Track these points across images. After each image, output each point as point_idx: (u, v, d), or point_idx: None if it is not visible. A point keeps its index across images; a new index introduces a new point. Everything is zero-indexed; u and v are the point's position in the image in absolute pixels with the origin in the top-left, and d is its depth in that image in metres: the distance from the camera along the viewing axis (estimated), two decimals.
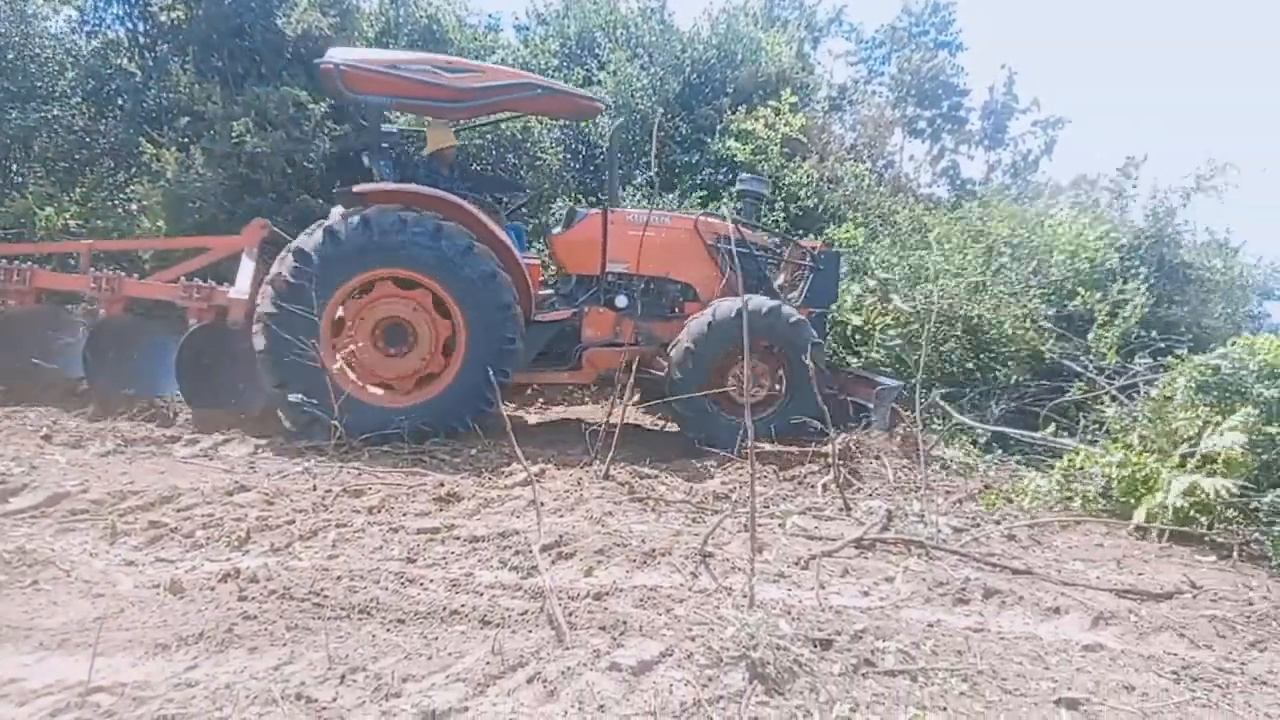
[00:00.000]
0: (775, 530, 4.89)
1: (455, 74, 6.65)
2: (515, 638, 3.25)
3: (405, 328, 6.41)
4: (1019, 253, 9.24)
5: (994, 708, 3.03)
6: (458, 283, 6.29)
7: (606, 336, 7.27)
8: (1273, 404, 5.45)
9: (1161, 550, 5.28)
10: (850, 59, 16.06)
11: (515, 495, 4.95)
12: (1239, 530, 5.30)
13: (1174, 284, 9.49)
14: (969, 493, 6.09)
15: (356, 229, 6.12)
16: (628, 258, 7.25)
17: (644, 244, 7.19)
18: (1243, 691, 3.39)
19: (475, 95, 6.78)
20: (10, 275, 6.67)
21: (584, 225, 7.32)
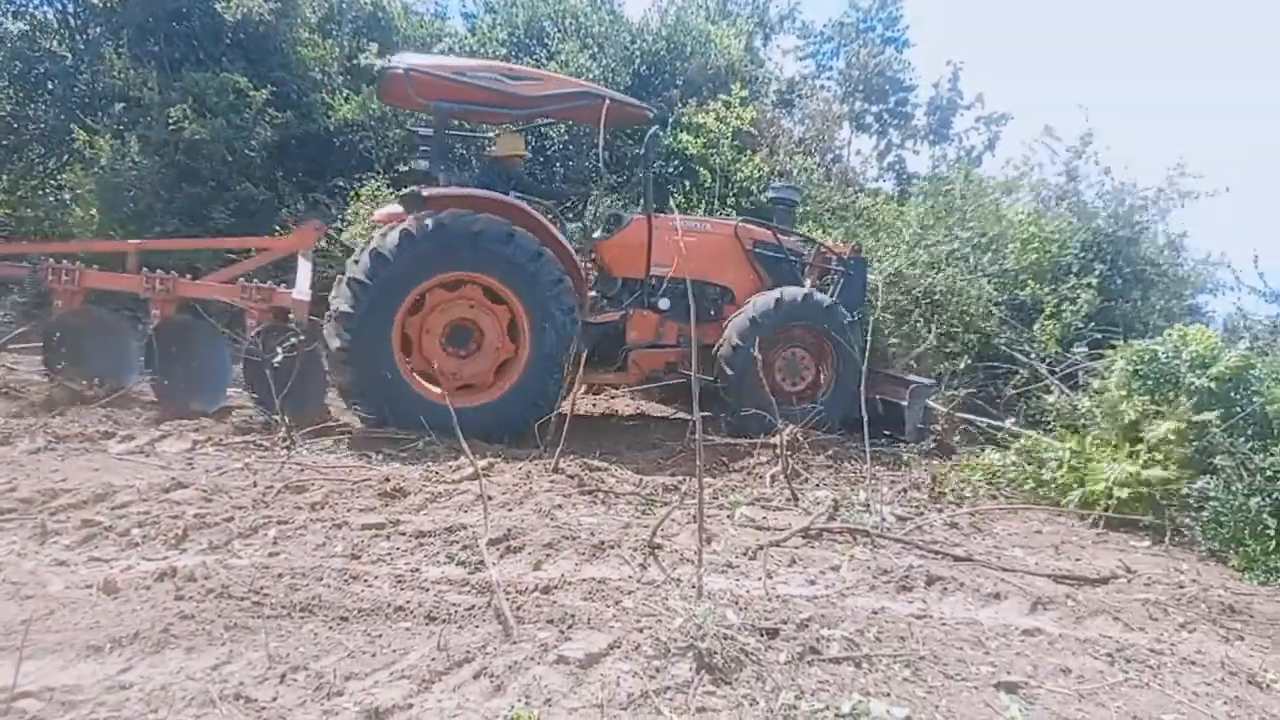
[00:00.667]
0: (724, 521, 4.92)
1: (519, 81, 6.80)
2: (462, 633, 3.21)
3: (471, 329, 6.50)
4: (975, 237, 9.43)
5: (936, 692, 3.08)
6: (527, 287, 6.37)
7: (650, 338, 7.43)
8: (1203, 393, 5.64)
9: (1098, 537, 5.45)
10: (799, 54, 16.19)
11: (463, 489, 4.90)
12: (1171, 516, 5.48)
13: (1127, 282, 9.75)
14: (913, 482, 6.20)
15: (432, 232, 6.13)
16: (670, 262, 7.37)
17: (687, 248, 7.31)
18: (1172, 671, 3.51)
19: (537, 103, 6.97)
20: (59, 275, 6.40)
21: (630, 230, 7.44)
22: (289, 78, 11.39)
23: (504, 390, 6.44)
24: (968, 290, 8.77)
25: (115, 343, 6.63)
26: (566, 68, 12.16)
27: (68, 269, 6.45)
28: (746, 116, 11.97)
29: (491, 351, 6.52)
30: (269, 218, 10.03)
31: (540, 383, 6.38)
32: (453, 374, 6.46)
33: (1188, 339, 5.99)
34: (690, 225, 7.75)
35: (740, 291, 7.79)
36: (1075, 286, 8.81)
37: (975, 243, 9.30)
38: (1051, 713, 3.01)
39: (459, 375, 6.50)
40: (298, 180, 11.19)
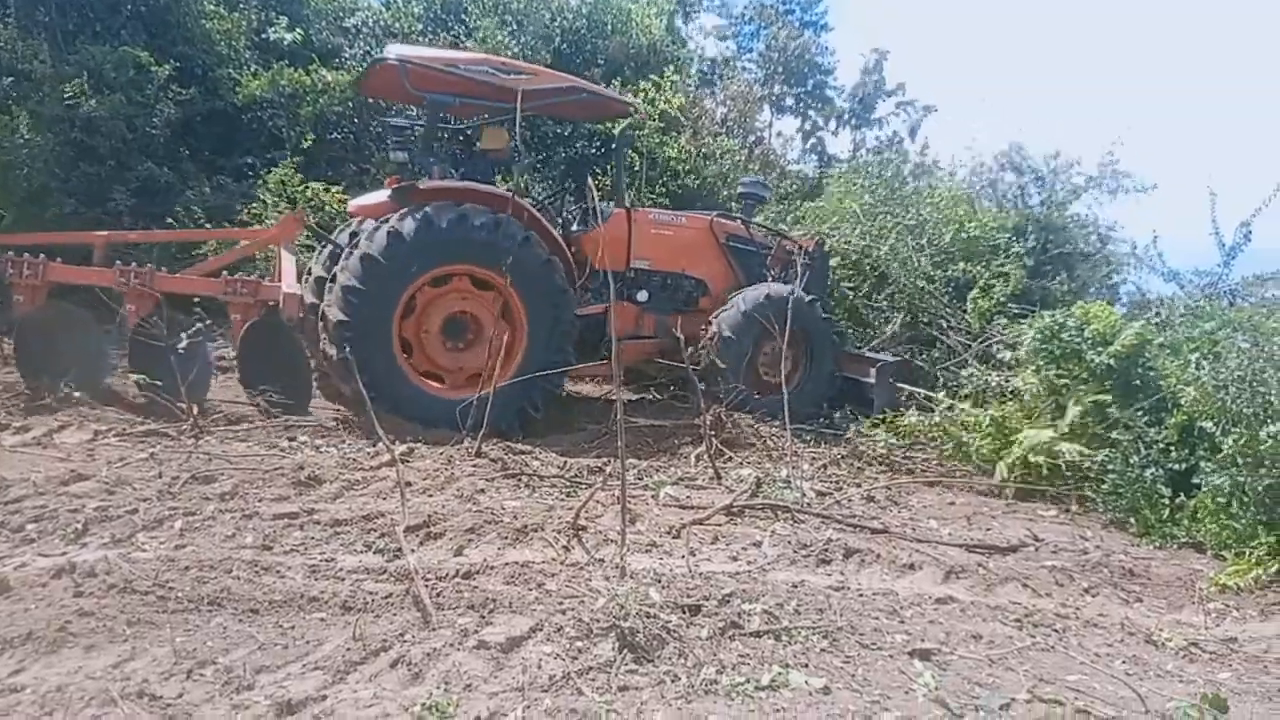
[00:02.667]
0: (648, 501, 4.94)
1: (510, 75, 6.77)
2: (379, 622, 3.14)
3: (467, 321, 6.52)
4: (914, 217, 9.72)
5: (852, 661, 3.16)
6: (517, 272, 6.31)
7: (630, 330, 7.50)
8: (1102, 369, 5.88)
9: (1008, 507, 5.65)
10: (720, 35, 16.24)
11: (382, 476, 4.78)
12: (1078, 485, 5.72)
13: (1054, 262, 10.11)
14: (833, 458, 6.32)
15: (420, 227, 6.04)
16: (650, 255, 7.54)
17: (664, 241, 7.55)
18: (1077, 634, 3.67)
19: (528, 97, 6.86)
20: (20, 268, 5.85)
21: (612, 223, 7.45)
22: (193, 52, 10.88)
23: (508, 375, 6.31)
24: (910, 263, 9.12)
25: (87, 340, 6.12)
26: (484, 44, 11.92)
27: (30, 262, 5.91)
28: (676, 102, 11.94)
29: (487, 339, 6.43)
30: (173, 198, 9.58)
31: (545, 363, 6.40)
32: (457, 368, 6.47)
33: (1090, 316, 6.22)
34: (668, 219, 7.94)
35: (714, 284, 7.93)
36: (1004, 264, 9.12)
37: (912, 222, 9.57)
38: (963, 677, 3.11)
39: (463, 367, 6.49)
40: (204, 159, 10.73)
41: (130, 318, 6.05)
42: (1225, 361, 5.36)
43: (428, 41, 12.67)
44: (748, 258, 8.07)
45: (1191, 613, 4.08)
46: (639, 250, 7.53)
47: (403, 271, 6.06)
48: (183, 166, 10.27)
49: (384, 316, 6.03)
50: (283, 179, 9.60)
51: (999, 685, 3.06)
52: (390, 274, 6.01)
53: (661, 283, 7.72)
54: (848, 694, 2.90)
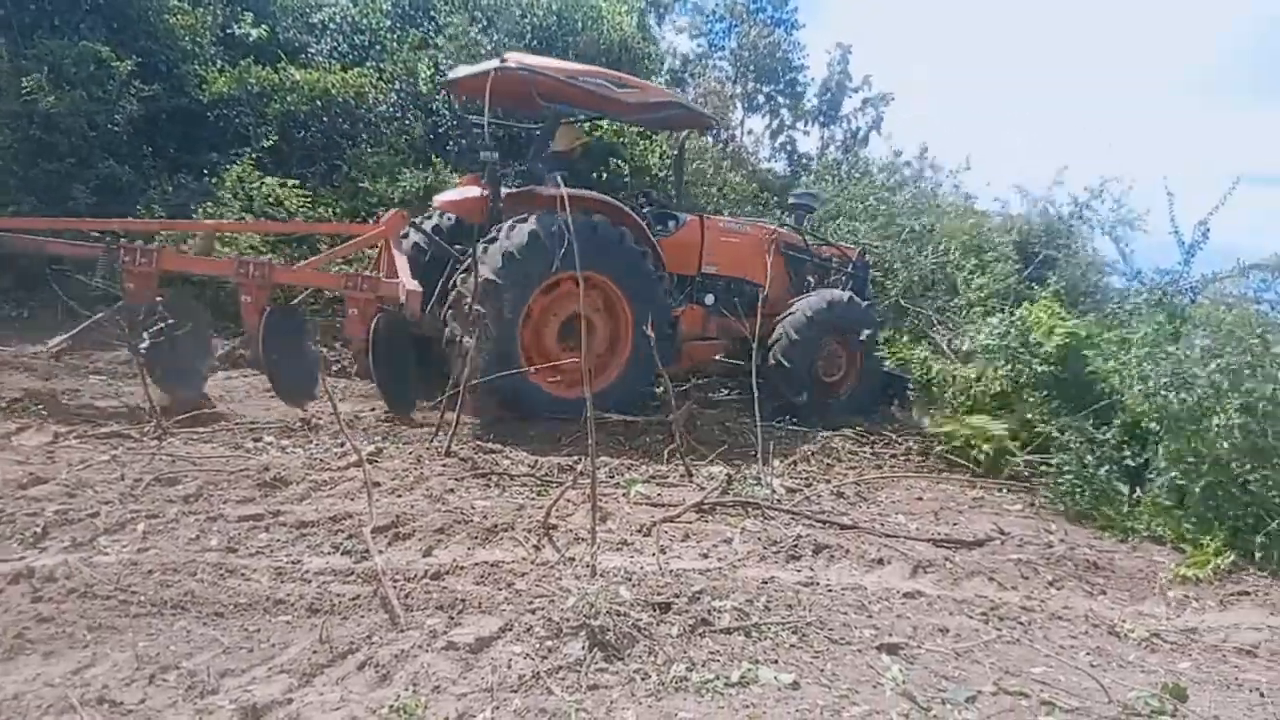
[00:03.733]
0: (619, 499, 4.94)
1: (624, 89, 7.02)
2: (346, 624, 3.12)
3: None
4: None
5: (821, 656, 3.18)
6: (631, 279, 6.67)
7: (698, 331, 7.75)
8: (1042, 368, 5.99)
9: (974, 502, 5.72)
10: (692, 33, 16.23)
11: (349, 477, 4.72)
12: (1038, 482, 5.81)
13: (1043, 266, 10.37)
14: (803, 455, 6.35)
15: (555, 233, 6.25)
16: (718, 260, 7.82)
17: (731, 248, 7.89)
18: (1042, 627, 3.72)
19: (636, 110, 7.25)
20: (134, 255, 5.71)
21: (686, 230, 7.76)
22: (156, 47, 10.67)
23: (616, 374, 6.73)
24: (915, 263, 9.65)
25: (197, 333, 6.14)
26: (456, 41, 11.84)
27: (144, 250, 5.85)
28: None
29: (601, 339, 6.79)
30: (135, 196, 9.39)
31: (649, 360, 6.46)
32: (570, 366, 6.55)
33: (1030, 322, 6.32)
34: (735, 226, 8.34)
35: (772, 290, 8.14)
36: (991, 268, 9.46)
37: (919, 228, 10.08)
38: (930, 671, 3.14)
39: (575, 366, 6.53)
40: (169, 157, 10.54)
41: (247, 310, 6.03)
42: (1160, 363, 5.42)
43: (396, 38, 12.57)
44: (801, 265, 8.44)
45: (1153, 604, 4.16)
46: (709, 256, 7.83)
47: (536, 271, 6.28)
48: (145, 164, 10.08)
49: (515, 311, 6.25)
50: (240, 176, 9.43)
51: (965, 678, 3.09)
52: (525, 272, 6.23)
53: (726, 287, 7.97)
54: (817, 689, 2.92)
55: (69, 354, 6.77)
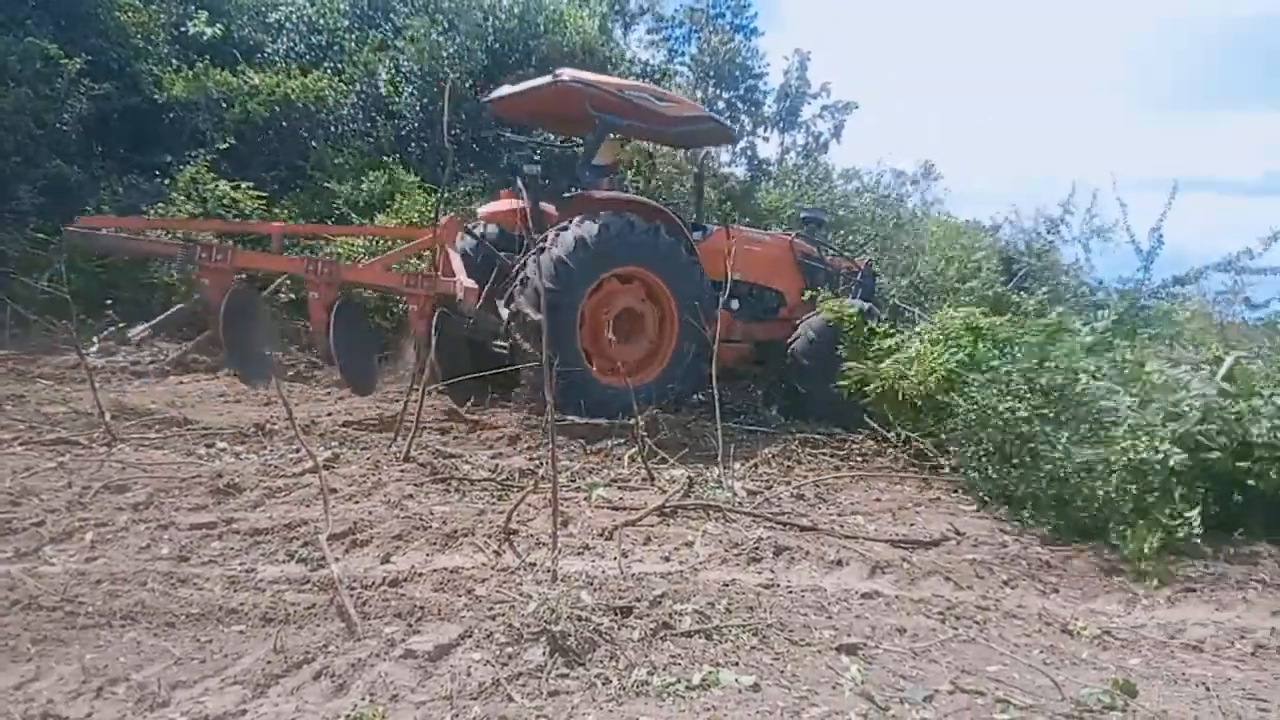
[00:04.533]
0: (580, 503, 4.92)
1: (664, 104, 7.68)
2: (301, 633, 3.06)
3: (634, 318, 7.31)
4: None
5: (782, 658, 3.19)
6: (674, 277, 7.24)
7: (724, 335, 7.92)
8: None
9: (931, 502, 5.79)
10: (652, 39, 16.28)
11: (305, 483, 4.65)
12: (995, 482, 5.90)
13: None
14: (764, 457, 6.39)
15: (606, 232, 6.79)
16: (743, 268, 8.18)
17: (754, 257, 8.37)
18: (997, 626, 3.77)
19: (674, 123, 7.82)
20: (210, 253, 5.98)
21: (715, 238, 8.30)
22: (107, 45, 10.46)
23: (662, 367, 7.32)
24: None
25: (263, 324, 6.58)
26: (416, 44, 11.76)
27: (219, 248, 6.19)
28: None
29: (647, 334, 7.38)
30: (84, 197, 9.17)
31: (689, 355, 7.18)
32: (622, 360, 7.12)
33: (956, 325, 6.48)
34: (758, 236, 8.95)
35: (790, 296, 8.71)
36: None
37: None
38: (888, 670, 3.17)
39: (625, 359, 7.19)
40: (119, 157, 10.32)
41: (314, 305, 6.36)
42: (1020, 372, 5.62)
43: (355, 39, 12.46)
44: (815, 274, 8.78)
45: (1104, 602, 4.23)
46: (735, 263, 8.14)
47: (585, 272, 6.75)
48: (95, 164, 9.86)
49: (570, 311, 6.70)
50: (194, 177, 9.25)
51: (923, 677, 3.12)
52: (575, 274, 6.66)
53: (749, 293, 8.43)
54: (777, 690, 2.93)
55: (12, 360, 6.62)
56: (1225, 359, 5.70)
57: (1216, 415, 5.16)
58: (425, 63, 11.55)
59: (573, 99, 7.21)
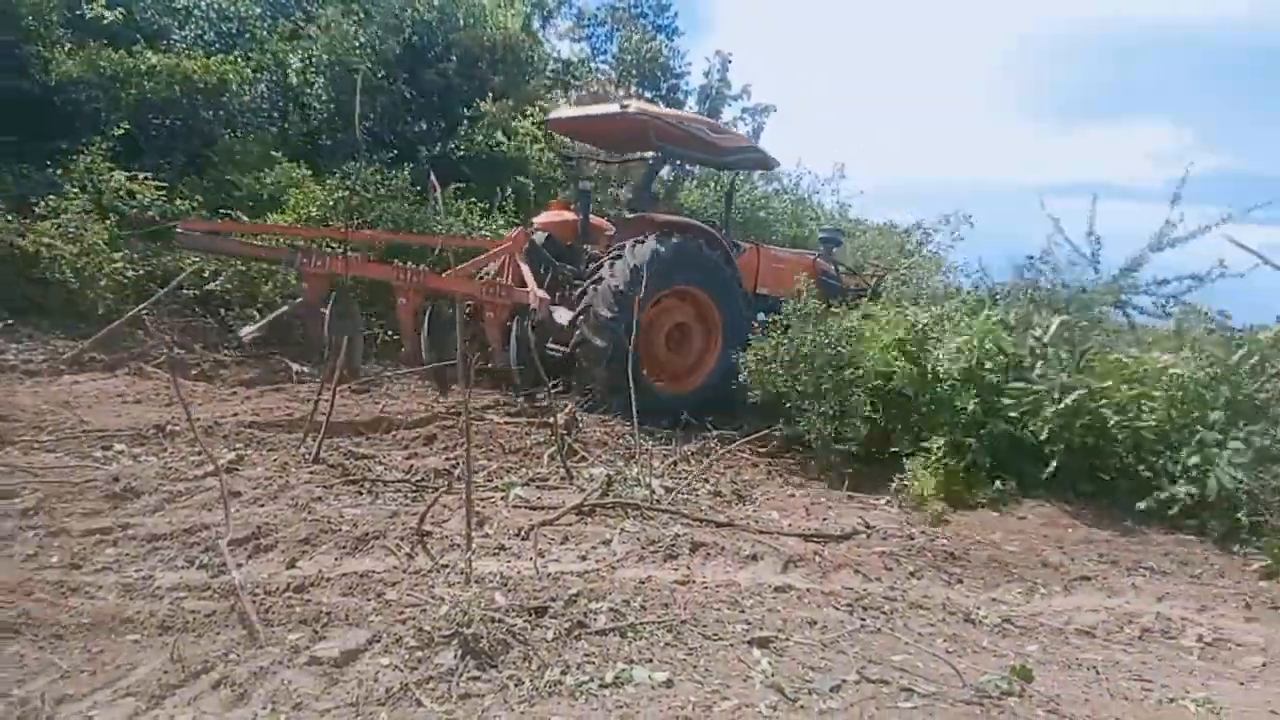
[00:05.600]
0: (497, 503, 4.87)
1: (719, 135, 8.32)
2: (200, 642, 2.96)
3: (684, 330, 7.91)
4: None
5: (695, 653, 3.22)
6: (722, 294, 7.85)
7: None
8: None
9: (845, 497, 5.92)
10: (574, 36, 16.20)
11: (208, 486, 4.47)
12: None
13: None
14: (683, 455, 6.44)
15: (669, 251, 7.35)
16: (769, 284, 8.76)
17: (780, 274, 8.71)
18: (903, 616, 3.88)
19: (725, 153, 8.49)
20: (312, 259, 6.57)
21: (747, 257, 8.77)
22: None
23: (705, 376, 7.88)
24: None
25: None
26: (329, 33, 11.43)
27: (319, 254, 6.69)
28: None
29: (696, 345, 7.98)
30: None
31: (732, 366, 7.36)
32: (673, 367, 7.89)
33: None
34: (784, 255, 9.47)
35: None
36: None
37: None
38: (798, 662, 3.23)
39: (675, 367, 7.92)
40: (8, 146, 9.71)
41: (401, 310, 6.94)
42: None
43: (267, 28, 12.07)
44: (832, 290, 8.99)
45: (1005, 591, 4.40)
46: (763, 280, 8.81)
47: (655, 284, 7.19)
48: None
49: (631, 318, 7.02)
50: (89, 167, 8.78)
51: (831, 668, 3.20)
52: (646, 284, 7.08)
53: (775, 308, 8.52)
54: (689, 685, 2.95)
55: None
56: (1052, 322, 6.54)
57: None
58: (337, 53, 11.22)
59: (638, 128, 7.87)
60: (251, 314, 7.99)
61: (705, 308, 7.86)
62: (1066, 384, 5.91)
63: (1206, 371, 5.92)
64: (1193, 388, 5.86)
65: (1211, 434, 5.63)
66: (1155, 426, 5.84)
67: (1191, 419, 5.80)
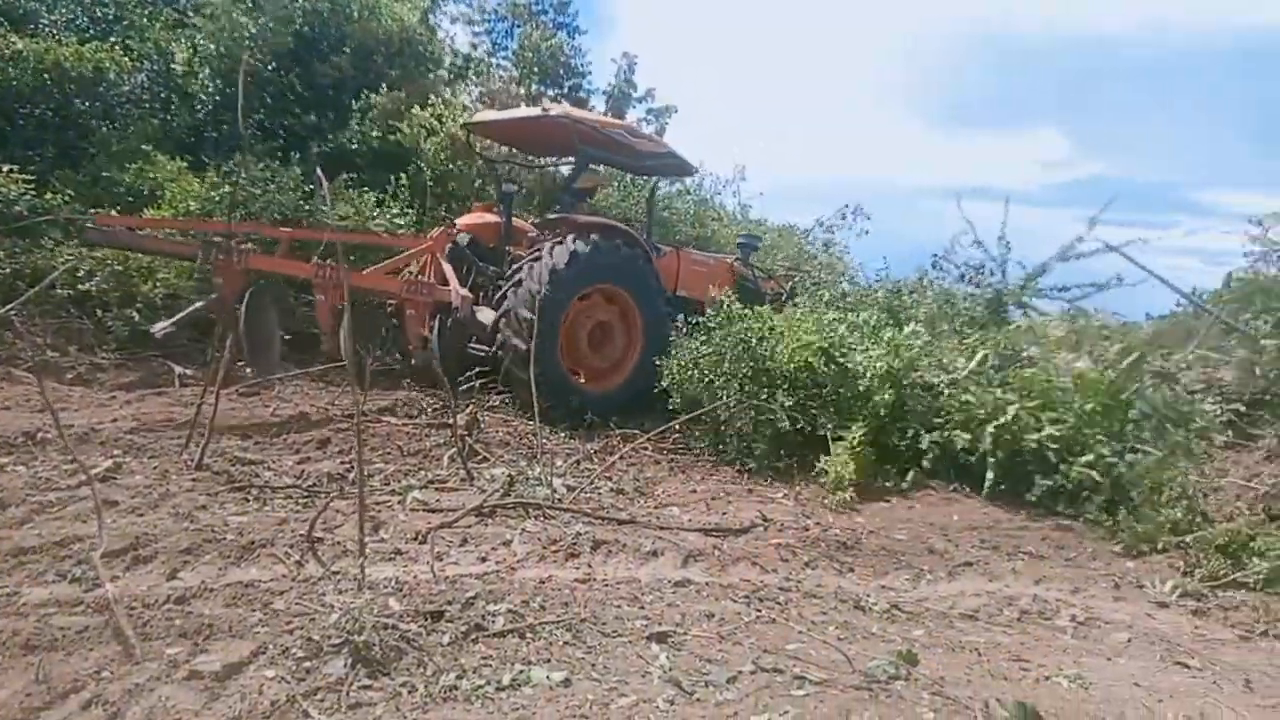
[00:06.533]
0: (395, 507, 4.77)
1: (638, 139, 8.36)
2: (70, 660, 2.79)
3: (606, 329, 7.92)
4: None
5: (594, 651, 3.23)
6: (643, 293, 7.91)
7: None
8: None
9: (746, 492, 6.03)
10: (473, 30, 15.94)
11: (81, 496, 4.22)
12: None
13: None
14: (586, 453, 6.44)
15: (587, 252, 7.38)
16: (689, 286, 8.98)
17: (699, 276, 8.99)
18: (797, 605, 3.98)
19: (644, 157, 8.61)
20: (229, 254, 6.41)
21: (666, 260, 8.89)
22: None
23: (626, 374, 7.92)
24: None
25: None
26: (215, 22, 10.95)
27: (237, 249, 6.50)
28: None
29: (619, 344, 7.97)
30: None
31: (653, 365, 7.52)
32: (594, 366, 7.92)
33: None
34: (702, 258, 9.52)
35: None
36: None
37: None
38: (695, 655, 3.27)
39: (597, 366, 7.94)
40: None
41: (321, 307, 6.85)
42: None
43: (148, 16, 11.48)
44: (749, 293, 9.19)
45: (894, 578, 4.57)
46: (682, 282, 8.99)
47: (573, 284, 7.34)
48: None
49: (555, 319, 7.25)
50: None
51: (727, 660, 3.25)
52: (565, 285, 7.23)
53: (694, 310, 8.83)
54: (588, 683, 2.96)
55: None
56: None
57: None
58: (224, 43, 10.76)
59: (560, 133, 8.00)
60: (130, 314, 7.60)
61: (627, 307, 7.95)
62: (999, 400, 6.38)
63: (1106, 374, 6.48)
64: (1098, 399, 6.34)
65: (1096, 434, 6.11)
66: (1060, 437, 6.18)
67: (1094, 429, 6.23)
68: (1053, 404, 6.31)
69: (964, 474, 6.38)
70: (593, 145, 8.13)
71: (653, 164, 9.07)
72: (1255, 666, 3.81)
